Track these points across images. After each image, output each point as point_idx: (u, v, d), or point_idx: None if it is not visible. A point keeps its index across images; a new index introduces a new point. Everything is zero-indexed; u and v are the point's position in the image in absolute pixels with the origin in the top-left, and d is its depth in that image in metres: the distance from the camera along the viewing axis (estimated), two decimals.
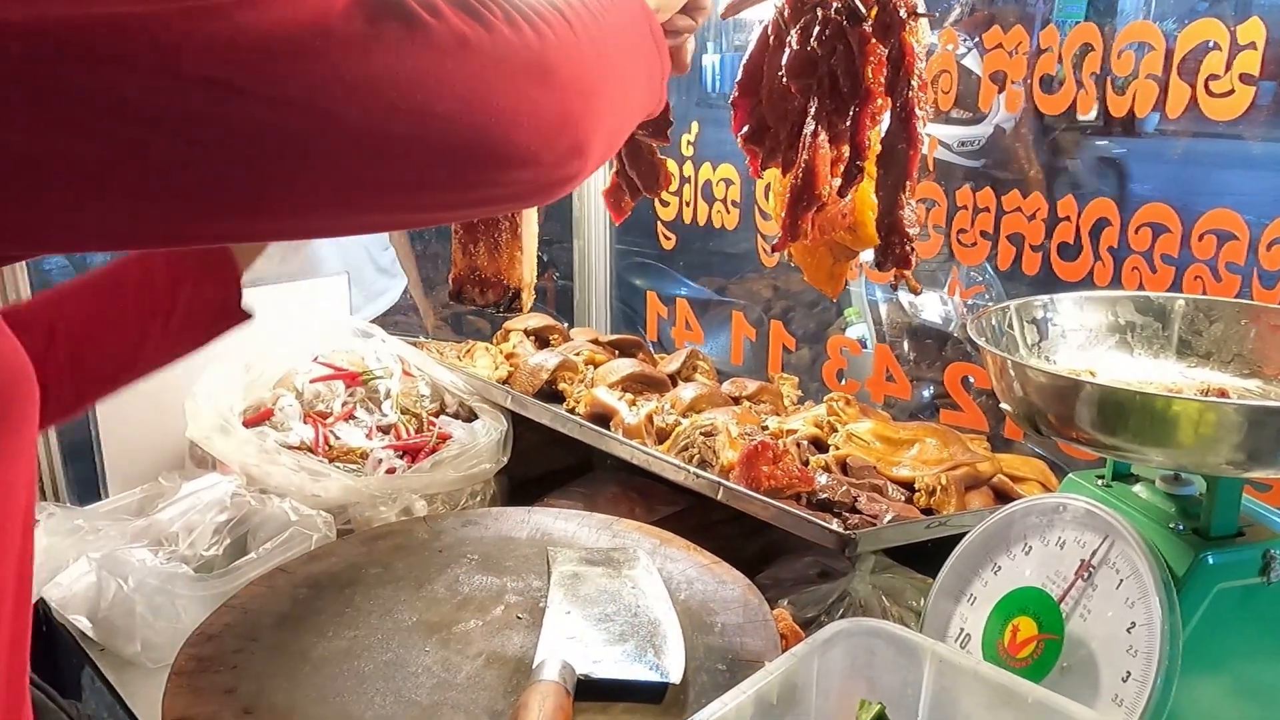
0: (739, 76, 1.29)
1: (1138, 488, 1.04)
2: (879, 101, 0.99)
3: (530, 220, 1.39)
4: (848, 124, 1.02)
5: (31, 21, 0.49)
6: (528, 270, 1.40)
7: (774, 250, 1.11)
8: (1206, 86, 1.32)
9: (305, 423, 1.77)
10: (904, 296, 2.08)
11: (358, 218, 0.68)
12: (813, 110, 1.04)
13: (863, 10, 0.99)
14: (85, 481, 1.84)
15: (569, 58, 0.69)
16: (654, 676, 1.02)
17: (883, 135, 1.07)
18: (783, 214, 1.05)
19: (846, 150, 1.04)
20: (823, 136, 1.02)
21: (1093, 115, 1.49)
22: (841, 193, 1.02)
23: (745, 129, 1.29)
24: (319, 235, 0.78)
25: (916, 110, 1.00)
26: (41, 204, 0.54)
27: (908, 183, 1.03)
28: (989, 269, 1.70)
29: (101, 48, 0.51)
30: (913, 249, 1.04)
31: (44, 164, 0.52)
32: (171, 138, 0.54)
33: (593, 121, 0.72)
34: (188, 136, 0.54)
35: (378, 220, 0.74)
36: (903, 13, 0.99)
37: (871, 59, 0.99)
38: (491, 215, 1.26)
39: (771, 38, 1.21)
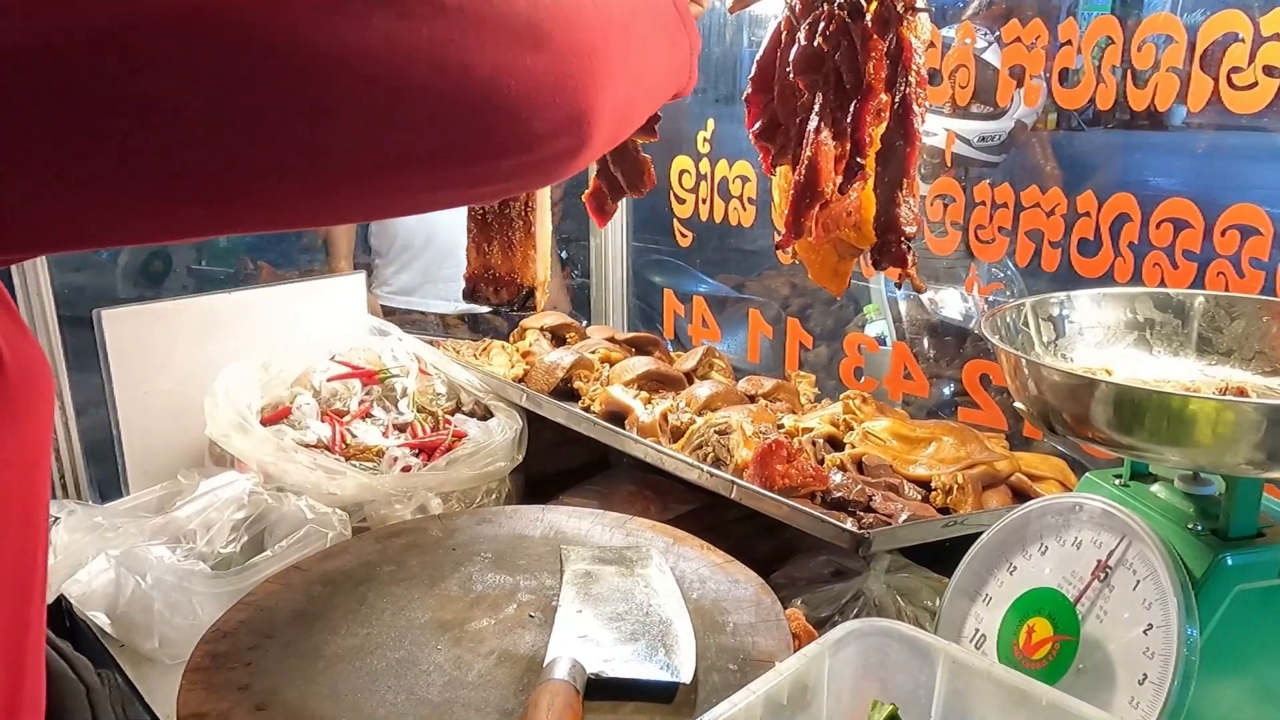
0: (752, 73, 1.29)
1: (1156, 487, 1.03)
2: (881, 98, 0.98)
3: (544, 219, 1.39)
4: (849, 120, 1.01)
5: None
6: (541, 268, 1.40)
7: (778, 248, 1.11)
8: (1229, 79, 1.30)
9: (322, 421, 1.78)
10: (925, 293, 2.07)
11: (331, 207, 0.64)
12: (817, 106, 1.03)
13: (863, 4, 0.98)
14: (107, 479, 1.86)
15: (563, 15, 0.62)
16: (665, 676, 1.01)
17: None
18: (786, 211, 1.05)
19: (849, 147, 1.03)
20: (826, 133, 1.02)
21: (1112, 109, 1.47)
22: (842, 189, 1.01)
23: (758, 125, 1.28)
24: (294, 226, 0.75)
25: (914, 106, 0.99)
26: (22, 207, 0.53)
27: (905, 180, 1.02)
28: (1010, 265, 1.68)
29: (42, 39, 0.48)
30: (909, 247, 1.03)
31: (13, 163, 0.50)
32: (113, 127, 0.51)
33: (596, 86, 0.64)
34: (140, 122, 0.51)
35: (355, 209, 0.69)
36: (900, 8, 0.99)
37: (874, 55, 0.99)
38: (492, 198, 1.18)
39: (784, 34, 1.21)
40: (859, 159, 1.06)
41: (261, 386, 1.81)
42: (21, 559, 0.67)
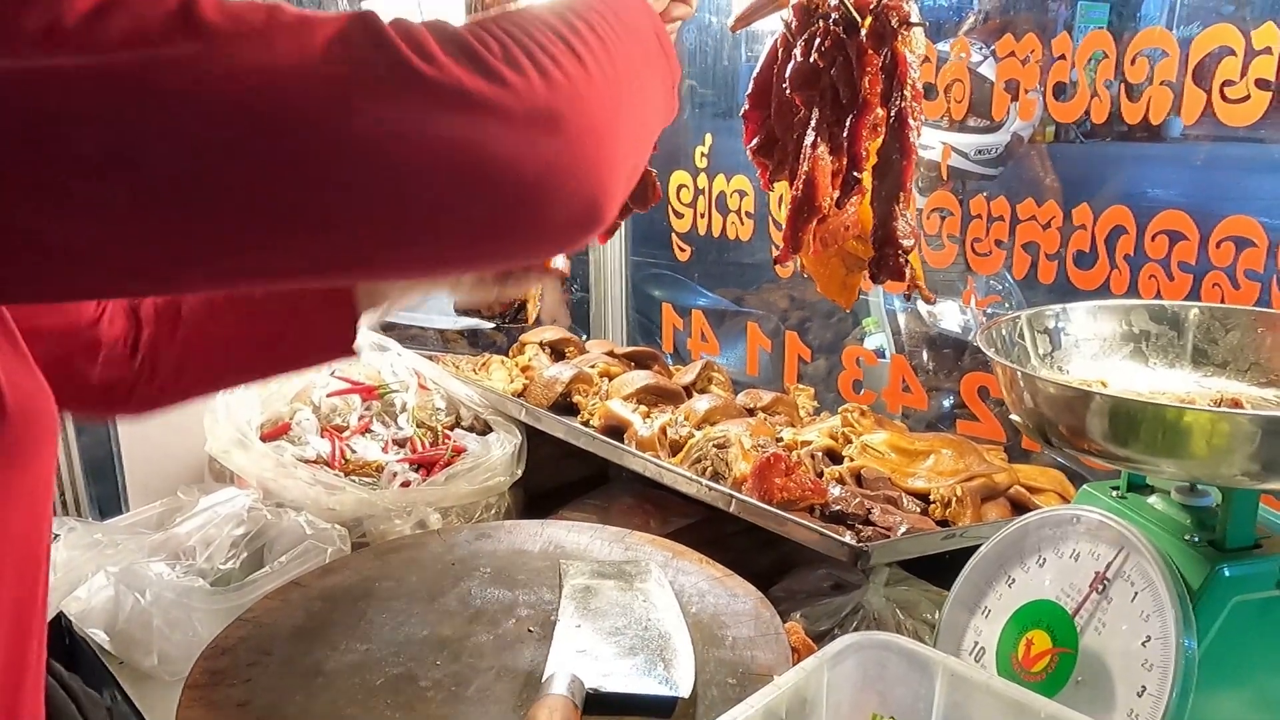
0: (750, 89, 1.30)
1: (1153, 499, 1.03)
2: (877, 112, 0.99)
3: None
4: (845, 135, 1.02)
5: None
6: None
7: (776, 262, 1.11)
8: (1222, 92, 1.30)
9: (322, 436, 1.78)
10: (923, 306, 2.07)
11: (338, 275, 0.66)
12: (814, 122, 1.04)
13: (857, 20, 0.99)
14: (107, 496, 1.86)
15: (578, 97, 0.62)
16: (663, 690, 1.01)
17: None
18: (784, 226, 1.05)
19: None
20: (822, 148, 1.02)
21: (1108, 122, 1.47)
22: (840, 204, 1.02)
23: (755, 141, 1.29)
24: (306, 284, 0.77)
25: (910, 120, 1.00)
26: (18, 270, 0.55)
27: (901, 194, 1.02)
28: (1008, 277, 1.69)
29: (50, 105, 0.50)
30: (907, 261, 1.04)
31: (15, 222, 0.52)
32: (130, 192, 0.53)
33: (611, 163, 0.65)
34: (143, 190, 0.53)
35: (358, 276, 0.71)
36: (895, 23, 0.99)
37: (869, 70, 0.99)
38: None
39: (780, 51, 1.22)
40: (856, 173, 1.06)
41: (261, 402, 1.81)
42: (19, 597, 0.66)
